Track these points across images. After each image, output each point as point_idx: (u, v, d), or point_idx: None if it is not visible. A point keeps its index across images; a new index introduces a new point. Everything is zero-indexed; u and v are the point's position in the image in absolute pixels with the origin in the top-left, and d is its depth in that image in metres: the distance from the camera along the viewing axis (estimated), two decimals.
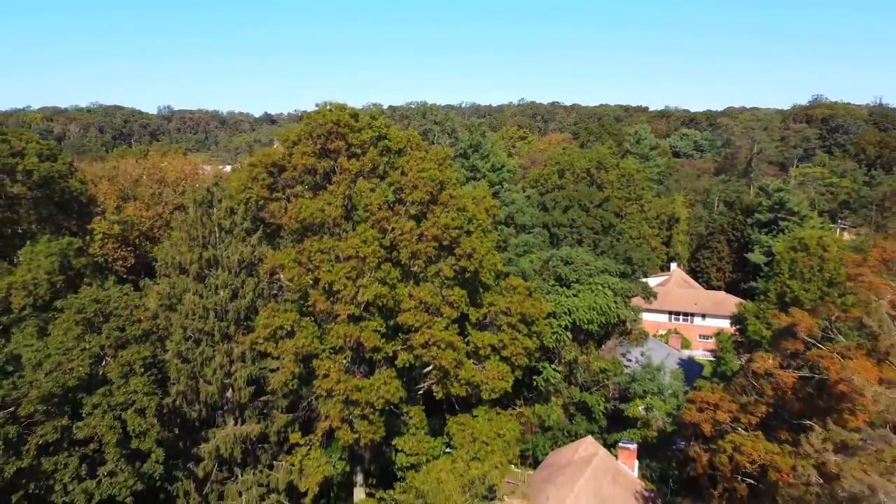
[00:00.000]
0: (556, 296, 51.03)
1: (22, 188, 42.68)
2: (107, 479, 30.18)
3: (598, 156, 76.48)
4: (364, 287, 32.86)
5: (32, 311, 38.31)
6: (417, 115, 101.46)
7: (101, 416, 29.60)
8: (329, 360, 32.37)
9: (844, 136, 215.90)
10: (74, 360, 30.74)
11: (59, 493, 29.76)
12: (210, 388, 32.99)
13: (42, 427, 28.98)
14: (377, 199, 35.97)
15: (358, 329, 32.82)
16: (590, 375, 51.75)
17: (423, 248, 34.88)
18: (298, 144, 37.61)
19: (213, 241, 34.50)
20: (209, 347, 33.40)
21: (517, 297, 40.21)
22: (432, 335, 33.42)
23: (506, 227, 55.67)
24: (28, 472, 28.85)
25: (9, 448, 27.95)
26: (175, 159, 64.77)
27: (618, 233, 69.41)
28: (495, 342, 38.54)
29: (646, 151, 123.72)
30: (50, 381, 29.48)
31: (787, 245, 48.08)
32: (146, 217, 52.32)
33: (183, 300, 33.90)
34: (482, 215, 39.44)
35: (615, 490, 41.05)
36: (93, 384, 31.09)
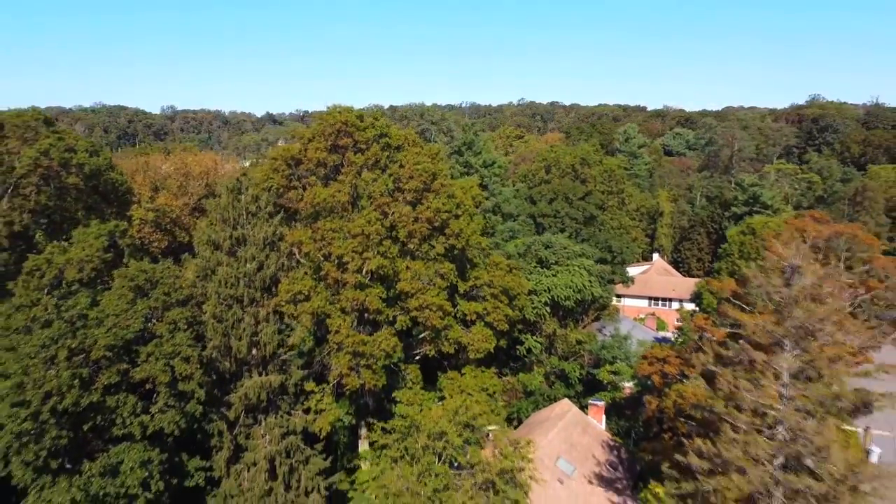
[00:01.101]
0: (537, 276, 57.66)
1: (76, 179, 49.43)
2: (158, 415, 36.83)
3: (582, 153, 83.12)
4: (368, 259, 39.55)
5: (80, 286, 44.94)
6: (416, 115, 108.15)
7: (154, 362, 36.25)
8: (339, 318, 39.06)
9: (833, 135, 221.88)
10: (130, 318, 37.39)
11: (119, 425, 36.41)
12: (240, 343, 39.56)
13: (107, 370, 35.64)
14: (379, 187, 42.65)
15: (363, 294, 39.49)
16: (567, 346, 58.38)
17: (418, 228, 41.54)
18: (312, 141, 44.34)
19: (241, 222, 41.06)
20: (239, 310, 39.97)
21: (499, 272, 46.84)
22: (425, 300, 40.09)
23: (493, 215, 62.19)
24: (96, 406, 35.50)
25: (82, 386, 34.56)
26: (198, 156, 72.01)
27: (599, 223, 76.03)
28: (480, 310, 45.19)
29: (634, 149, 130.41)
30: (110, 335, 36.12)
31: (738, 230, 54.54)
32: (175, 206, 59.29)
33: (217, 271, 40.47)
34: (469, 202, 46.07)
35: (584, 439, 47.68)
36: (145, 338, 37.75)
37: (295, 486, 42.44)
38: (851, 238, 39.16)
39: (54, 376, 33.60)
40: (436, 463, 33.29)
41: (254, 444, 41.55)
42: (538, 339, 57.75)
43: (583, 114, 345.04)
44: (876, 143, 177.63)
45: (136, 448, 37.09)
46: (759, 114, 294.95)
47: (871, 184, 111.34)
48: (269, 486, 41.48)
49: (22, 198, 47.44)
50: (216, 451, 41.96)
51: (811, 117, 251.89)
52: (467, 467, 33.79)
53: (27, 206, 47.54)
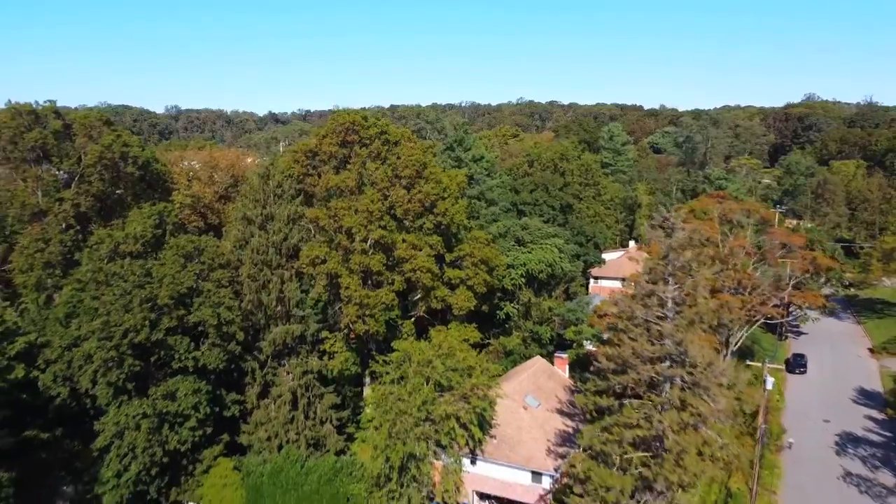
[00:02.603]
0: (514, 252, 67.69)
1: (132, 169, 59.47)
2: (206, 352, 46.95)
3: (562, 149, 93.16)
4: (372, 231, 49.68)
5: (132, 259, 55.07)
6: (413, 115, 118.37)
7: (204, 309, 46.33)
8: (349, 278, 49.16)
9: (816, 134, 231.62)
10: (183, 277, 47.50)
11: (176, 359, 46.53)
12: (269, 297, 49.64)
13: (168, 316, 45.73)
14: (380, 174, 52.77)
15: (368, 258, 49.60)
16: (541, 313, 68.38)
17: (412, 207, 51.66)
18: (326, 137, 54.53)
19: (269, 203, 51.10)
20: (269, 272, 50.03)
21: (479, 245, 56.91)
22: (417, 263, 50.21)
23: (478, 201, 72.18)
24: (160, 343, 45.60)
25: (150, 326, 44.65)
26: (223, 151, 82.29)
27: (576, 211, 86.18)
28: (462, 276, 55.30)
29: (617, 147, 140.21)
30: (170, 288, 46.22)
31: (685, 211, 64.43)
32: (207, 193, 69.29)
33: (250, 241, 50.56)
34: (454, 188, 56.17)
35: (549, 383, 57.64)
36: (197, 292, 47.85)
37: (312, 416, 52.59)
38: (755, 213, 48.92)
39: (131, 318, 43.71)
40: (424, 384, 43.30)
41: (279, 380, 51.71)
42: (516, 307, 67.79)
43: (580, 113, 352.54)
44: (851, 141, 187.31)
45: (189, 379, 47.25)
46: (749, 113, 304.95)
47: (832, 178, 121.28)
48: (292, 415, 51.66)
49: (87, 184, 57.53)
50: (249, 388, 52.13)
51: (797, 116, 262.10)
52: (448, 388, 43.76)
53: (91, 191, 57.61)
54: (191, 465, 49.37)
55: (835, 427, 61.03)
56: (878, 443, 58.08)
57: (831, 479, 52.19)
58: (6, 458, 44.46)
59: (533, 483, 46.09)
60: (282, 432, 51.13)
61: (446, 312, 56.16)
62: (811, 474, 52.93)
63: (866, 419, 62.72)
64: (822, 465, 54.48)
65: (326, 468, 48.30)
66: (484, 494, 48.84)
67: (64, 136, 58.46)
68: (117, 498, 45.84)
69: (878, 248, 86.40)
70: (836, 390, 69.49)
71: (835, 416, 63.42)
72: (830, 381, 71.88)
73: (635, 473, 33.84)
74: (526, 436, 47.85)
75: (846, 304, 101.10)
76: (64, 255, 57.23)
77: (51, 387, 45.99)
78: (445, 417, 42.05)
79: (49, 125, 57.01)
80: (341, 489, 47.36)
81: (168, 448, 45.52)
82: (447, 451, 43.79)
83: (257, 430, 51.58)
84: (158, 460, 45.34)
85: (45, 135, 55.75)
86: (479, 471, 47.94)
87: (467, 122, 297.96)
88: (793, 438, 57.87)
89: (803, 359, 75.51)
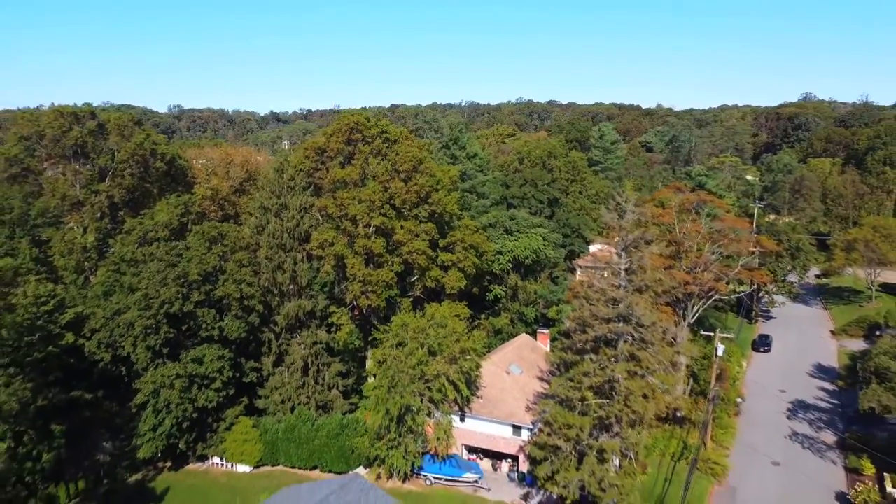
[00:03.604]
0: (503, 240, 74.58)
1: (160, 164, 66.47)
2: (230, 323, 53.93)
3: (550, 147, 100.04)
4: (373, 218, 56.60)
5: (159, 244, 62.07)
6: (411, 115, 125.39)
7: (228, 284, 53.32)
8: (353, 259, 56.11)
9: (805, 133, 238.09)
10: (209, 258, 54.48)
11: (204, 329, 53.53)
12: (283, 276, 56.59)
13: (197, 290, 52.69)
14: (381, 169, 59.65)
15: (370, 242, 56.54)
16: (527, 295, 75.28)
17: (409, 197, 58.52)
18: (333, 136, 61.49)
19: (283, 193, 58.08)
20: (283, 254, 56.99)
21: (469, 232, 63.80)
22: (414, 247, 57.14)
23: (470, 194, 79.06)
24: (190, 315, 52.59)
25: (182, 299, 51.61)
26: (237, 149, 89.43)
27: (562, 205, 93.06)
28: (454, 259, 62.18)
29: (607, 145, 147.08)
30: (198, 267, 53.19)
31: (653, 204, 71.26)
32: (224, 186, 76.25)
33: (267, 227, 57.57)
34: (446, 180, 63.08)
35: (532, 355, 64.52)
36: (221, 271, 54.82)
37: (321, 382, 59.62)
38: (709, 202, 55.79)
39: (166, 291, 50.69)
40: (419, 348, 50.24)
41: (292, 350, 58.70)
42: (504, 290, 74.72)
43: (579, 112, 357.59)
44: (836, 140, 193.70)
45: (214, 347, 54.24)
46: (742, 112, 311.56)
47: (808, 175, 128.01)
48: (303, 380, 58.70)
49: (120, 178, 64.49)
50: (265, 356, 59.11)
51: (787, 116, 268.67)
52: (439, 352, 50.68)
53: (123, 184, 64.58)
54: (215, 422, 56.37)
55: (789, 396, 67.95)
56: (825, 409, 65.02)
57: (779, 438, 59.13)
58: (58, 413, 51.38)
59: (514, 436, 52.98)
60: (294, 396, 58.15)
61: (440, 293, 63.01)
62: (762, 434, 59.85)
63: (819, 390, 69.65)
64: (774, 426, 61.41)
65: (333, 425, 55.30)
66: (472, 448, 55.74)
67: (99, 135, 65.46)
68: (153, 449, 52.92)
69: (842, 239, 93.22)
70: (795, 366, 76.42)
71: (791, 387, 70.34)
72: (792, 359, 78.79)
73: (593, 416, 40.77)
74: (508, 396, 54.75)
75: (817, 292, 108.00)
76: (99, 241, 64.23)
77: (95, 352, 52.95)
78: (437, 376, 49.00)
79: (86, 125, 63.98)
80: (346, 443, 54.30)
81: (197, 405, 52.49)
82: (439, 407, 50.77)
83: (273, 394, 58.58)
84: (189, 416, 52.31)
85: (83, 133, 62.75)
86: (467, 427, 54.84)
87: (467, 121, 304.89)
88: (749, 405, 64.85)
89: (768, 339, 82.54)
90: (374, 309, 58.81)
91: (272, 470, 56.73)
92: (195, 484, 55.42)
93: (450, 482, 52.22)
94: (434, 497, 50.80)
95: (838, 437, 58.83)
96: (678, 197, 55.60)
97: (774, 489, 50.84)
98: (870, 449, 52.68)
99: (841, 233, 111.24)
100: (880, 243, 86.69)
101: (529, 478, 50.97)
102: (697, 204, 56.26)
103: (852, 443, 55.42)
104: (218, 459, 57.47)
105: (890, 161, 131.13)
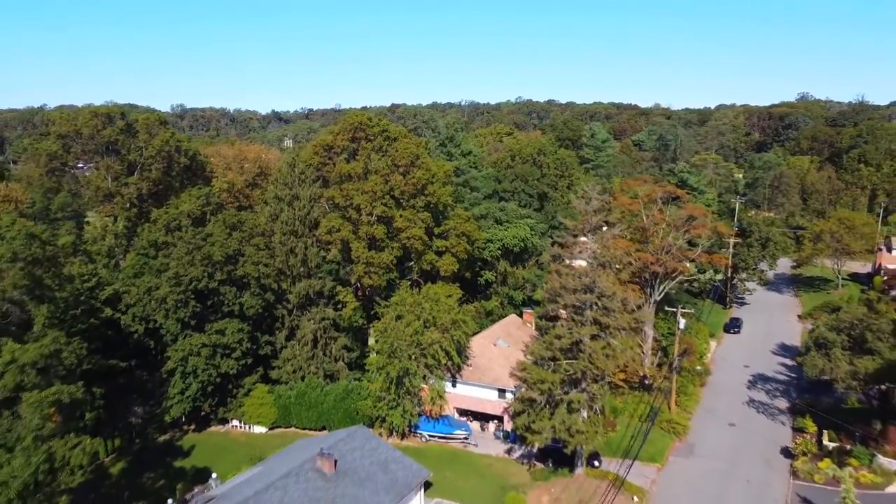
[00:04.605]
0: (493, 230, 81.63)
1: (184, 159, 73.64)
2: (248, 299, 60.99)
3: (540, 145, 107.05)
4: (375, 207, 63.72)
5: (185, 230, 69.08)
6: (410, 115, 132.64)
7: (248, 265, 60.39)
8: (357, 243, 63.22)
9: (794, 132, 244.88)
10: (230, 242, 61.55)
11: (226, 304, 60.62)
12: (295, 259, 63.64)
13: (220, 270, 59.77)
14: (382, 163, 66.73)
15: (372, 228, 63.64)
16: (515, 280, 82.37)
17: (407, 189, 65.62)
18: (339, 134, 68.60)
19: (295, 185, 65.12)
20: (295, 239, 64.04)
21: (461, 220, 70.90)
22: (412, 233, 64.25)
23: (463, 188, 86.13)
24: (214, 291, 59.67)
25: (207, 277, 58.66)
26: (250, 146, 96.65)
27: (551, 199, 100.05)
28: (448, 245, 69.27)
29: (598, 144, 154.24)
30: (221, 250, 60.26)
31: (627, 197, 78.22)
32: (239, 180, 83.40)
33: (280, 216, 64.66)
34: (441, 174, 70.20)
35: (518, 332, 71.59)
36: (240, 253, 61.89)
37: (328, 354, 66.67)
38: (672, 193, 62.81)
39: (194, 270, 57.77)
40: (415, 320, 57.30)
41: (303, 325, 65.75)
42: (494, 275, 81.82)
43: (577, 112, 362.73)
44: (821, 139, 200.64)
45: (235, 321, 61.27)
46: (735, 111, 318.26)
47: (787, 172, 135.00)
48: (312, 353, 65.75)
49: (147, 172, 71.66)
50: (278, 331, 66.18)
51: (779, 115, 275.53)
52: (433, 324, 57.74)
53: (150, 178, 71.75)
54: (235, 389, 63.43)
55: (752, 370, 75.08)
56: (782, 381, 72.15)
57: (738, 404, 66.28)
58: (97, 378, 58.40)
59: (499, 399, 60.06)
60: (304, 366, 65.20)
61: (435, 276, 70.07)
62: (723, 401, 66.99)
63: (779, 365, 76.76)
64: (734, 395, 68.55)
65: (340, 390, 62.38)
66: (463, 411, 62.80)
67: (128, 133, 72.62)
68: (181, 410, 60.02)
69: (811, 231, 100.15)
70: (761, 345, 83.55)
71: (754, 362, 77.47)
72: (759, 339, 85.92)
73: (563, 372, 47.83)
74: (495, 364, 61.82)
75: (791, 281, 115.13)
76: (127, 229, 71.36)
77: (130, 325, 60.04)
78: (431, 344, 56.09)
79: (116, 124, 71.08)
80: (351, 405, 61.33)
81: (220, 371, 59.54)
82: (433, 372, 57.86)
83: (285, 364, 65.60)
84: (213, 380, 59.36)
85: (115, 132, 69.88)
86: (458, 392, 61.90)
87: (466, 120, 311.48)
88: (715, 378, 72.03)
89: (738, 322, 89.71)
90: (375, 288, 65.90)
91: (285, 431, 63.76)
92: (217, 442, 62.47)
93: (443, 439, 59.30)
94: (429, 451, 57.81)
95: (790, 403, 65.97)
96: (644, 188, 62.69)
97: (727, 444, 58.00)
98: (814, 410, 59.78)
99: (810, 223, 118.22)
100: (844, 234, 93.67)
101: (513, 435, 58.01)
102: (664, 196, 63.29)
103: (800, 407, 62.58)
104: (237, 422, 64.52)
105: (864, 159, 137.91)
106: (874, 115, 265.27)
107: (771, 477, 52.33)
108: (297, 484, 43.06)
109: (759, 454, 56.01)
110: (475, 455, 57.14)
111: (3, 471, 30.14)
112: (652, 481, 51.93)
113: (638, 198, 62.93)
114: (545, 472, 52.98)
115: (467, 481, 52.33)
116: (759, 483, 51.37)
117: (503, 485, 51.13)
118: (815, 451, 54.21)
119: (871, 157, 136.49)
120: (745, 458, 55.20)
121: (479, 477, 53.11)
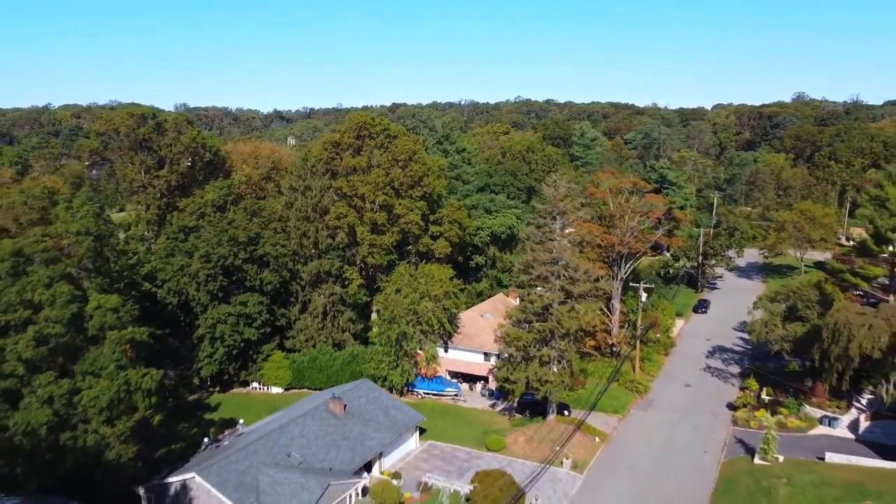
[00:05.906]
0: (483, 219, 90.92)
1: (208, 155, 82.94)
2: (268, 275, 70.26)
3: (529, 142, 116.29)
4: (378, 196, 73.04)
5: (211, 216, 78.26)
6: (409, 115, 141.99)
7: (268, 245, 69.66)
8: (362, 227, 72.51)
9: (781, 131, 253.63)
10: (251, 226, 70.80)
11: (248, 280, 69.86)
12: (308, 242, 72.97)
13: (243, 250, 68.99)
14: (383, 158, 76.03)
15: (375, 215, 72.93)
16: (503, 264, 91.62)
17: (406, 180, 74.93)
18: (345, 133, 77.92)
19: (307, 177, 74.45)
20: (307, 224, 73.34)
21: (453, 209, 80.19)
22: (410, 219, 73.56)
23: (457, 181, 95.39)
24: (238, 268, 68.84)
25: (233, 255, 67.87)
26: (263, 144, 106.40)
27: (537, 192, 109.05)
28: (441, 230, 78.58)
29: (588, 142, 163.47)
30: (244, 233, 69.49)
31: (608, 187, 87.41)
32: (255, 174, 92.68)
33: (294, 204, 73.98)
34: (435, 168, 79.50)
35: (503, 307, 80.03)
36: (260, 236, 71.15)
37: (337, 325, 75.92)
38: (637, 184, 72.09)
39: (221, 249, 67.01)
40: (412, 292, 66.55)
41: (314, 300, 75.04)
42: (484, 259, 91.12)
43: (575, 111, 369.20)
44: (804, 137, 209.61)
45: (255, 295, 70.45)
46: (728, 111, 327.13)
47: (762, 169, 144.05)
48: (322, 324, 75.00)
49: (176, 165, 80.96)
50: (293, 305, 75.44)
51: (768, 115, 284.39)
52: (428, 295, 67.00)
53: (178, 171, 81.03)
54: (255, 354, 72.59)
55: (713, 343, 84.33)
56: (738, 351, 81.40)
57: (696, 370, 75.50)
58: None
59: (485, 361, 69.35)
60: (316, 336, 74.39)
61: (430, 258, 79.39)
62: (683, 367, 76.23)
63: (737, 339, 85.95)
64: (694, 362, 77.79)
65: (346, 355, 71.62)
66: (454, 373, 72.07)
67: (158, 132, 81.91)
68: (210, 371, 69.20)
69: (775, 221, 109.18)
70: (724, 323, 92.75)
71: (716, 337, 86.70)
72: (723, 318, 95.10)
73: (535, 332, 57.05)
74: (482, 333, 71.10)
75: (761, 269, 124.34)
76: (158, 217, 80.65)
77: (165, 297, 69.27)
78: (426, 311, 65.39)
79: (149, 123, 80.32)
80: (357, 368, 70.56)
81: (243, 337, 68.76)
82: (428, 337, 67.14)
83: (298, 335, 74.82)
84: (237, 345, 68.60)
85: (148, 130, 79.14)
86: (450, 356, 71.19)
87: (466, 119, 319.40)
88: (678, 349, 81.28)
89: (706, 303, 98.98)
90: (378, 267, 75.20)
91: (299, 391, 72.97)
92: (240, 401, 71.69)
93: (436, 396, 68.57)
94: (423, 405, 67.01)
95: (742, 368, 75.21)
96: (610, 180, 72.05)
97: (682, 400, 67.24)
98: (760, 372, 69.01)
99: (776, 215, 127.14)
100: (805, 225, 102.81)
101: (497, 392, 67.25)
102: (631, 187, 72.65)
103: (749, 370, 71.86)
104: (256, 384, 73.75)
105: (835, 156, 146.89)
106: (860, 114, 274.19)
107: (715, 425, 61.56)
108: (313, 420, 52.48)
109: (708, 408, 65.23)
110: (464, 409, 66.37)
111: (94, 389, 39.50)
112: (613, 428, 61.24)
113: (606, 189, 72.22)
114: (522, 420, 62.27)
115: (456, 428, 61.58)
116: (704, 429, 60.63)
117: (486, 430, 60.36)
118: (754, 404, 63.45)
119: (841, 155, 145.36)
120: (695, 411, 64.43)
121: (467, 425, 62.38)
